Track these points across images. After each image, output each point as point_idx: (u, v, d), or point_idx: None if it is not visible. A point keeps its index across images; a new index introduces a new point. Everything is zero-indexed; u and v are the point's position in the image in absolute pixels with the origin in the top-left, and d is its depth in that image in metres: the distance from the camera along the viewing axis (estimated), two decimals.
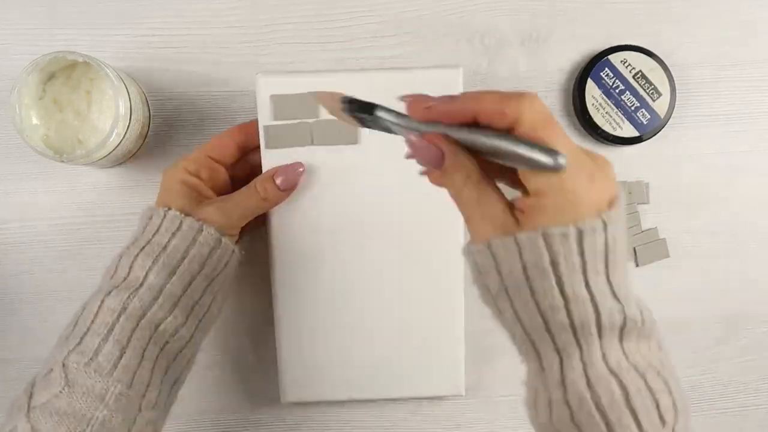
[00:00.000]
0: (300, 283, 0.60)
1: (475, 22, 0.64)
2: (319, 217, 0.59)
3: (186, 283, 0.51)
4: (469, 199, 0.38)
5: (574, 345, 0.37)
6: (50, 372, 0.47)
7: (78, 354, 0.47)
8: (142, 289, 0.50)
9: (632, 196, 0.64)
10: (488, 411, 0.65)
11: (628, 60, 0.63)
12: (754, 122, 0.65)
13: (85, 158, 0.56)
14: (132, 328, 0.49)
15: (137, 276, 0.50)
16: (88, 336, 0.48)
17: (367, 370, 0.62)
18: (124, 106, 0.56)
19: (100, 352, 0.47)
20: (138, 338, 0.49)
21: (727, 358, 0.65)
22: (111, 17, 0.63)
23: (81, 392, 0.46)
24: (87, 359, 0.47)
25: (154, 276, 0.50)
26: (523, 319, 0.38)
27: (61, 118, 0.58)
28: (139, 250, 0.51)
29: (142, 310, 0.49)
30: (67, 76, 0.59)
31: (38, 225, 0.64)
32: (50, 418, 0.45)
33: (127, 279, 0.50)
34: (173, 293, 0.51)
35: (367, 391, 0.62)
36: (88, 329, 0.48)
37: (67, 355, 0.47)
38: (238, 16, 0.64)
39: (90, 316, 0.49)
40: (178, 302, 0.51)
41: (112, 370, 0.47)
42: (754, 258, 0.65)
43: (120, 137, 0.57)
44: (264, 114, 0.57)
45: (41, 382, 0.47)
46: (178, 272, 0.51)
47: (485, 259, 0.37)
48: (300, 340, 0.61)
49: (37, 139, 0.57)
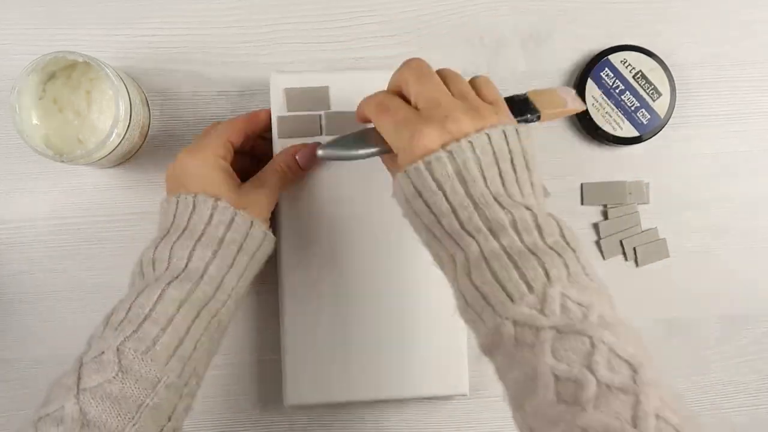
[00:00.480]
0: (305, 285, 0.60)
1: (475, 22, 0.64)
2: (325, 215, 0.60)
3: (240, 274, 0.53)
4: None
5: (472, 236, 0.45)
6: (101, 355, 0.46)
7: (135, 341, 0.47)
8: (204, 281, 0.51)
9: (632, 196, 0.64)
10: (492, 410, 0.65)
11: (628, 60, 0.63)
12: (754, 122, 0.65)
13: (85, 158, 0.56)
14: (192, 318, 0.49)
15: (197, 267, 0.51)
16: (146, 323, 0.48)
17: (371, 371, 0.62)
18: (124, 106, 0.56)
19: (158, 341, 0.47)
20: (196, 328, 0.50)
21: (727, 358, 0.65)
22: (111, 17, 0.63)
23: (134, 379, 0.46)
24: (144, 347, 0.47)
25: (214, 268, 0.51)
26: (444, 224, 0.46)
27: (61, 118, 0.58)
28: (195, 242, 0.52)
29: (204, 301, 0.50)
30: (67, 76, 0.59)
31: (38, 225, 0.64)
32: (101, 402, 0.45)
33: (186, 269, 0.51)
34: (230, 284, 0.52)
35: (371, 392, 0.62)
36: (146, 317, 0.48)
37: (123, 341, 0.47)
38: (238, 16, 0.64)
39: (149, 304, 0.49)
40: (232, 292, 0.53)
41: (168, 360, 0.47)
42: (754, 258, 0.65)
43: (120, 137, 0.57)
44: (277, 105, 0.60)
45: (91, 365, 0.46)
46: (234, 264, 0.53)
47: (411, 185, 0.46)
48: (305, 344, 0.61)
49: (37, 139, 0.57)
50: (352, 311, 0.61)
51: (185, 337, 0.49)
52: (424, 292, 0.62)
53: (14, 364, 0.64)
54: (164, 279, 0.50)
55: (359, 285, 0.61)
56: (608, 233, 0.64)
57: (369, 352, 0.62)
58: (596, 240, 0.65)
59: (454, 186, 0.44)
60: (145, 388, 0.46)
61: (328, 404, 0.63)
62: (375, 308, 0.61)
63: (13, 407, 0.64)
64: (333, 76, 0.61)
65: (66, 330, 0.64)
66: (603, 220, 0.64)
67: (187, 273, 0.51)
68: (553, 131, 0.64)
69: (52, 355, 0.64)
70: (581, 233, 0.64)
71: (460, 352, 0.62)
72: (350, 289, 0.61)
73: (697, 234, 0.65)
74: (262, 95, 0.64)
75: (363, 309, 0.61)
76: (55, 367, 0.63)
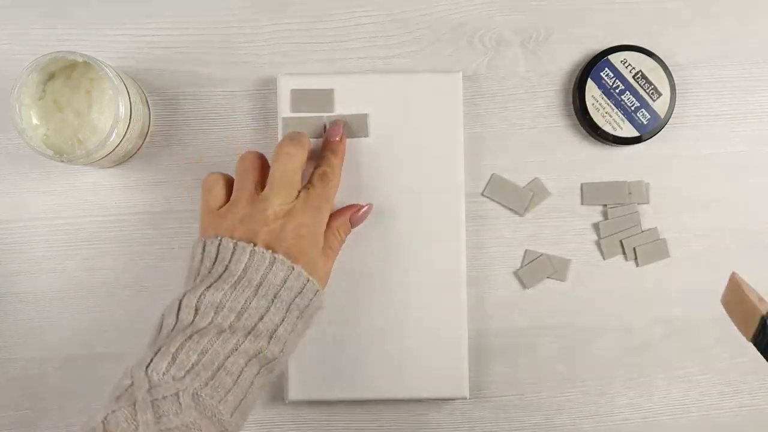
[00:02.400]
0: None
1: (475, 23, 0.64)
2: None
3: (299, 336, 0.55)
4: None
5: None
6: (176, 396, 0.47)
7: (212, 389, 0.48)
8: (272, 342, 0.52)
9: (632, 196, 0.64)
10: (491, 411, 0.65)
11: (628, 60, 0.63)
12: (754, 122, 0.65)
13: (85, 158, 0.56)
14: (254, 374, 0.51)
15: (268, 328, 0.52)
16: (221, 373, 0.49)
17: (372, 370, 0.62)
18: (124, 106, 0.56)
19: (230, 391, 0.49)
20: (257, 383, 0.52)
21: (727, 358, 0.65)
22: (111, 17, 0.63)
23: (208, 426, 0.47)
24: (220, 397, 0.49)
25: (282, 330, 0.52)
26: None
27: (61, 118, 0.58)
28: (270, 303, 0.52)
29: (269, 359, 0.52)
30: (67, 76, 0.59)
31: (38, 225, 0.64)
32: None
33: (257, 328, 0.51)
34: (291, 346, 0.54)
35: (371, 391, 0.62)
36: (220, 366, 0.49)
37: (199, 387, 0.48)
38: (238, 16, 0.64)
39: (223, 353, 0.49)
40: (288, 351, 0.54)
41: (233, 411, 0.49)
42: (754, 258, 0.65)
43: (120, 137, 0.57)
44: (283, 106, 0.61)
45: (167, 405, 0.47)
46: (295, 328, 0.54)
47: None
48: (308, 341, 0.61)
49: (37, 139, 0.57)
50: (355, 311, 0.62)
51: (248, 390, 0.51)
52: (426, 295, 0.62)
53: (14, 364, 0.64)
54: (240, 331, 0.50)
55: (362, 286, 0.62)
56: (608, 233, 0.64)
57: (370, 352, 0.62)
58: (596, 240, 0.65)
59: None
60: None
61: (329, 401, 0.63)
62: (377, 310, 0.62)
63: (13, 407, 0.64)
64: (339, 78, 0.62)
65: (66, 330, 0.64)
66: (603, 220, 0.64)
67: (258, 330, 0.51)
68: (553, 131, 0.64)
69: (52, 355, 0.64)
70: (581, 233, 0.65)
71: (460, 355, 0.62)
72: (353, 289, 0.62)
73: (697, 234, 0.65)
74: (263, 95, 0.64)
75: (365, 310, 0.62)
76: (55, 367, 0.64)
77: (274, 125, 0.64)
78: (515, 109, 0.64)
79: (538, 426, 0.65)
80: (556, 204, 0.64)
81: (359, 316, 0.62)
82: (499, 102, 0.64)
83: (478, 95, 0.64)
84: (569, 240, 0.64)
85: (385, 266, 0.62)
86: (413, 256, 0.62)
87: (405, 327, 0.62)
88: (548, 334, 0.64)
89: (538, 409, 0.65)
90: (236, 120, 0.64)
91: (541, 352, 0.64)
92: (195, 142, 0.64)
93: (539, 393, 0.65)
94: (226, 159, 0.64)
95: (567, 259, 0.64)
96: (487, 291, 0.64)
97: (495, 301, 0.64)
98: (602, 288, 0.64)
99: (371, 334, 0.62)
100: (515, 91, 0.64)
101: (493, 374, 0.64)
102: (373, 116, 0.62)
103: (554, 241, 0.64)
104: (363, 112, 0.62)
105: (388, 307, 0.62)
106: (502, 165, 0.64)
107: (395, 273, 0.62)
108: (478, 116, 0.64)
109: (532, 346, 0.64)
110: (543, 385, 0.65)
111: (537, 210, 0.64)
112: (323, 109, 0.62)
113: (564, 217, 0.65)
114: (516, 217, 0.64)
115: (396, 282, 0.62)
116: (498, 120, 0.64)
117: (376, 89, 0.62)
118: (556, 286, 0.64)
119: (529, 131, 0.64)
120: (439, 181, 0.62)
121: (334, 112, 0.62)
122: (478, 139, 0.64)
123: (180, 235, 0.64)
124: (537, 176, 0.64)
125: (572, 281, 0.64)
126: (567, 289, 0.64)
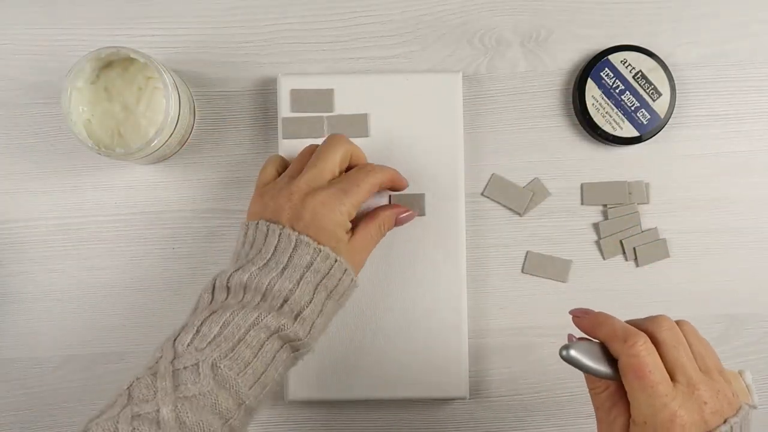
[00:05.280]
0: None
1: (475, 23, 0.64)
2: None
3: (327, 319, 0.55)
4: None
5: None
6: (196, 366, 0.48)
7: (231, 360, 0.49)
8: (298, 322, 0.52)
9: (632, 196, 0.64)
10: (491, 411, 0.65)
11: (628, 60, 0.63)
12: (754, 122, 0.65)
13: (123, 157, 0.56)
14: (276, 350, 0.51)
15: (293, 309, 0.52)
16: (241, 346, 0.50)
17: (372, 370, 0.62)
18: (173, 114, 0.56)
19: (249, 364, 0.50)
20: (278, 359, 0.52)
21: (727, 358, 0.65)
22: (111, 17, 0.63)
23: (225, 396, 0.48)
24: (239, 369, 0.49)
25: (309, 311, 0.52)
26: None
27: (107, 108, 0.58)
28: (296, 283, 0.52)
29: (291, 338, 0.52)
30: (124, 68, 0.58)
31: (38, 225, 0.64)
32: (196, 412, 0.47)
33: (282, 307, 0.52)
34: (318, 330, 0.54)
35: (372, 391, 0.62)
36: (240, 339, 0.50)
37: (218, 358, 0.49)
38: (239, 16, 0.64)
39: (244, 325, 0.50)
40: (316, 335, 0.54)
41: (252, 385, 0.50)
42: (754, 258, 0.65)
43: (161, 143, 0.57)
44: (283, 107, 0.62)
45: (187, 374, 0.48)
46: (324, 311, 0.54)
47: None
48: None
49: (80, 125, 0.56)
50: (355, 312, 0.62)
51: (270, 365, 0.51)
52: (426, 295, 0.62)
53: (14, 364, 0.64)
54: (263, 308, 0.51)
55: (362, 286, 0.61)
56: (608, 233, 0.64)
57: (370, 352, 0.62)
58: (596, 240, 0.65)
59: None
60: (231, 407, 0.49)
61: (329, 401, 0.64)
62: (377, 310, 0.62)
63: (13, 407, 0.64)
64: (339, 78, 0.62)
65: (66, 330, 0.64)
66: (603, 220, 0.64)
67: (283, 310, 0.52)
68: (553, 131, 0.64)
69: (52, 355, 0.64)
70: (581, 233, 0.65)
71: (460, 355, 0.62)
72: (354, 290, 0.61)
73: (697, 234, 0.65)
74: (263, 95, 0.64)
75: (365, 310, 0.62)
76: (55, 367, 0.64)
77: (274, 125, 0.64)
78: (515, 109, 0.64)
79: (538, 426, 0.65)
80: (556, 204, 0.64)
81: (359, 316, 0.62)
82: (499, 102, 0.64)
83: (478, 95, 0.64)
84: (569, 240, 0.64)
85: (385, 266, 0.62)
86: (413, 256, 0.62)
87: (405, 327, 0.62)
88: (548, 334, 0.64)
89: (538, 409, 0.65)
90: (236, 120, 0.64)
91: (541, 352, 0.64)
92: (194, 142, 0.64)
93: (539, 393, 0.65)
94: (227, 159, 0.64)
95: (568, 260, 0.64)
96: (487, 291, 0.64)
97: (495, 301, 0.64)
98: (602, 288, 0.64)
99: (371, 334, 0.62)
100: (515, 91, 0.64)
101: (493, 374, 0.65)
102: (373, 116, 0.62)
103: (554, 241, 0.64)
104: (363, 112, 0.62)
105: (388, 307, 0.62)
106: (502, 165, 0.64)
107: (395, 273, 0.62)
108: (478, 116, 0.64)
109: (532, 346, 0.64)
110: (543, 385, 0.65)
111: (537, 210, 0.64)
112: (323, 109, 0.62)
113: (564, 217, 0.65)
114: (516, 217, 0.64)
115: (396, 282, 0.62)
116: (498, 120, 0.64)
117: (376, 89, 0.62)
118: (556, 286, 0.64)
119: (529, 131, 0.64)
120: (439, 181, 0.62)
121: (334, 112, 0.62)
122: (478, 139, 0.64)
123: (180, 235, 0.64)
124: (537, 176, 0.64)
125: (572, 281, 0.64)
126: (567, 289, 0.64)
